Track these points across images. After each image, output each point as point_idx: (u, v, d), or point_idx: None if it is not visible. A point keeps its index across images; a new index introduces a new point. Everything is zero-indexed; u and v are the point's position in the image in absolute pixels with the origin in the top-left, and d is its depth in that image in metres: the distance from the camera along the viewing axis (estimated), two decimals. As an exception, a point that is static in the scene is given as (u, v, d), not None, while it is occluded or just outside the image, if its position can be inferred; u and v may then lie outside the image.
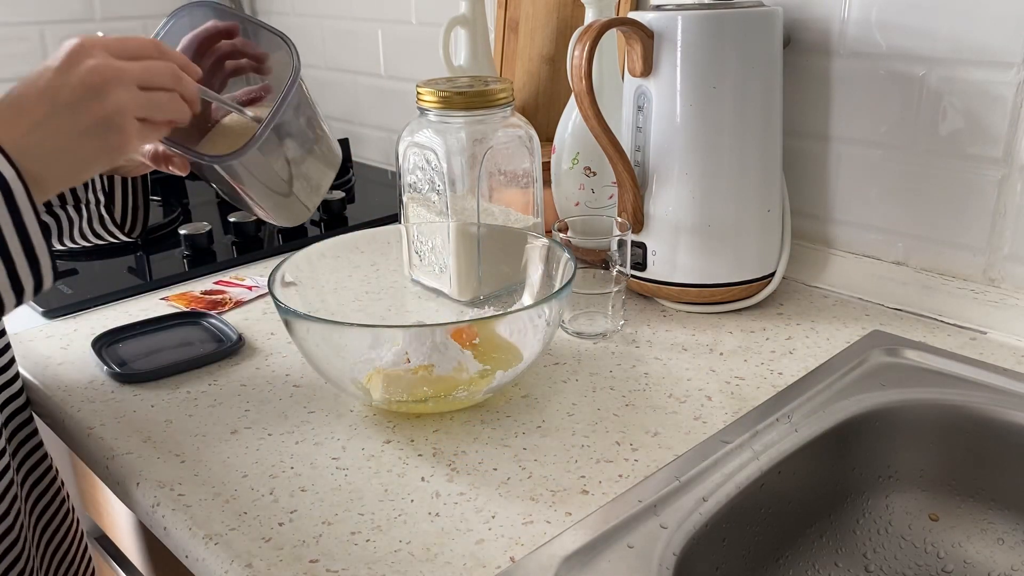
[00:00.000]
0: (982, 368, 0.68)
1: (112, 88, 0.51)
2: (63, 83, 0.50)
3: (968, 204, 0.76)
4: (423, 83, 0.79)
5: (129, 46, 0.54)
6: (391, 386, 0.62)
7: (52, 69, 0.51)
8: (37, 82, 0.51)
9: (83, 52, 0.51)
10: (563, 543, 0.50)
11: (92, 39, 0.52)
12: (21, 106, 0.50)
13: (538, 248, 0.73)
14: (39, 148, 0.50)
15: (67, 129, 0.51)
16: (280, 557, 0.50)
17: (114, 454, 0.61)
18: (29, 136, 0.50)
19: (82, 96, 0.51)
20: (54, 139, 0.51)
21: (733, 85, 0.75)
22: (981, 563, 0.63)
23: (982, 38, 0.72)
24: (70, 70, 0.51)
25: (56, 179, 0.52)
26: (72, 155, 0.52)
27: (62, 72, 0.51)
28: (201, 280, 0.94)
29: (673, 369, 0.71)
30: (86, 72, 0.51)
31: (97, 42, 0.52)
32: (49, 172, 0.51)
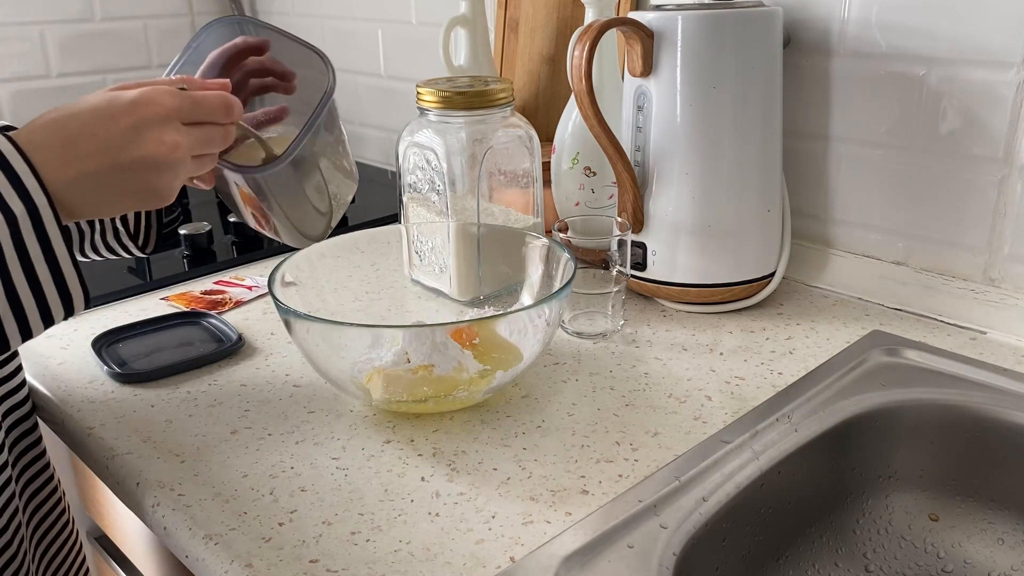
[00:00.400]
0: (982, 368, 0.68)
1: (172, 166, 0.52)
2: (127, 146, 0.50)
3: (968, 204, 0.76)
4: (423, 83, 0.79)
5: (203, 110, 0.54)
6: (391, 386, 0.62)
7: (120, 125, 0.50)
8: (97, 131, 0.50)
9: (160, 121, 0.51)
10: (563, 543, 0.50)
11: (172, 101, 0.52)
12: (74, 149, 0.50)
13: (538, 248, 0.73)
14: (85, 196, 0.51)
15: (120, 189, 0.51)
16: (280, 557, 0.50)
17: (114, 454, 0.61)
18: (79, 183, 0.50)
19: (145, 167, 0.51)
20: (104, 193, 0.51)
21: (733, 85, 0.75)
22: (981, 563, 0.63)
23: (982, 38, 0.72)
24: (140, 136, 0.51)
25: (90, 216, 0.53)
26: (115, 206, 0.53)
27: (129, 134, 0.50)
28: (201, 280, 0.94)
29: (673, 369, 0.71)
30: (158, 145, 0.51)
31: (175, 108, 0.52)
32: (87, 212, 0.52)
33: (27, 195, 0.48)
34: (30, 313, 0.50)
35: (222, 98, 0.55)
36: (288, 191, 0.63)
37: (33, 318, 0.50)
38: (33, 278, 0.49)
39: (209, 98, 0.55)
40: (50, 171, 0.49)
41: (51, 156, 0.49)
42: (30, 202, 0.48)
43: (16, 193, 0.47)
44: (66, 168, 0.50)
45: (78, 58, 1.47)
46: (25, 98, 1.42)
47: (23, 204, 0.48)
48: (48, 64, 1.44)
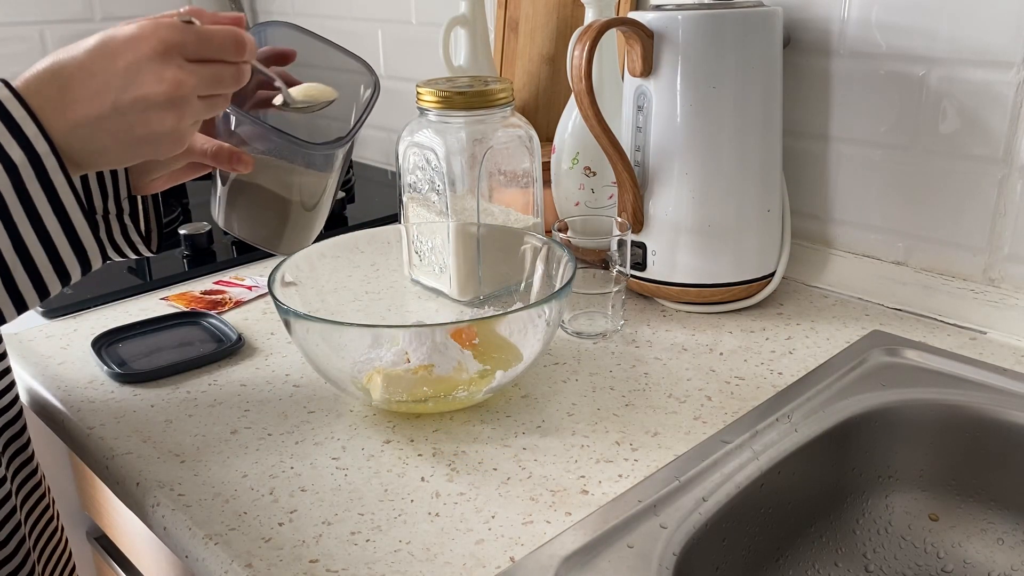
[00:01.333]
0: (982, 368, 0.68)
1: (181, 105, 0.48)
2: (127, 85, 0.46)
3: (968, 204, 0.76)
4: (423, 83, 0.79)
5: (210, 45, 0.48)
6: (391, 386, 0.62)
7: (117, 63, 0.46)
8: (95, 70, 0.46)
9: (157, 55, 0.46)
10: (563, 543, 0.50)
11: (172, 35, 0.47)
12: (72, 93, 0.46)
13: (538, 248, 0.73)
14: (89, 143, 0.47)
15: (124, 133, 0.48)
16: (280, 557, 0.50)
17: (114, 454, 0.61)
18: (80, 129, 0.47)
19: (146, 107, 0.47)
20: (107, 138, 0.48)
21: (733, 85, 0.75)
22: (981, 563, 0.63)
23: (982, 38, 0.72)
24: (139, 73, 0.46)
25: (99, 167, 0.50)
26: (123, 153, 0.49)
27: (129, 72, 0.46)
28: (201, 280, 0.94)
29: (673, 369, 0.71)
30: (156, 82, 0.47)
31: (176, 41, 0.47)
32: (94, 161, 0.49)
33: (27, 143, 0.45)
34: (43, 269, 0.47)
35: (232, 33, 0.50)
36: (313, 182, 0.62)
37: (48, 274, 0.48)
38: (43, 231, 0.47)
39: (217, 32, 0.49)
40: (49, 117, 0.46)
41: (49, 102, 0.46)
42: (31, 150, 0.45)
43: (16, 141, 0.45)
44: (65, 113, 0.46)
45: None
46: (25, 98, 1.41)
47: (23, 152, 0.45)
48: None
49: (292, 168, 0.60)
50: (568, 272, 0.66)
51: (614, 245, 0.75)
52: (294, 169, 0.61)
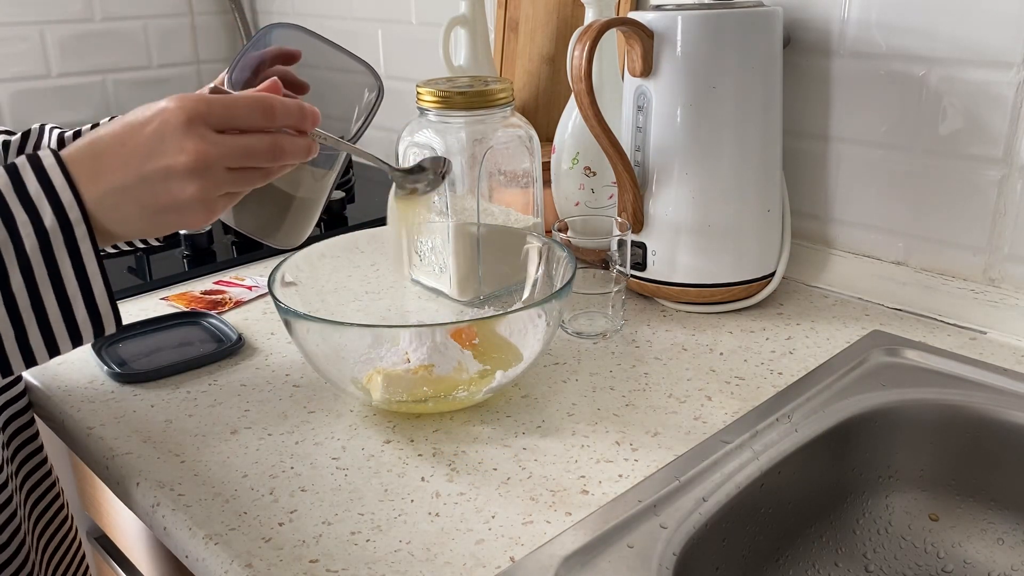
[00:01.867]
0: (982, 368, 0.68)
1: (202, 175, 0.48)
2: (150, 155, 0.47)
3: (968, 204, 0.76)
4: (423, 83, 0.79)
5: (238, 115, 0.49)
6: (391, 386, 0.62)
7: (144, 133, 0.48)
8: (124, 140, 0.48)
9: (182, 126, 0.47)
10: (563, 543, 0.50)
11: (196, 105, 0.48)
12: (103, 162, 0.48)
13: (538, 248, 0.73)
14: (115, 211, 0.48)
15: (147, 202, 0.48)
16: (280, 557, 0.50)
17: (114, 454, 0.61)
18: (107, 197, 0.48)
19: (168, 176, 0.48)
20: (132, 207, 0.48)
21: (733, 85, 0.75)
22: (981, 563, 0.63)
23: (982, 38, 0.72)
24: (162, 143, 0.47)
25: (128, 236, 0.51)
26: (149, 223, 0.50)
27: (152, 141, 0.47)
28: (201, 280, 0.94)
29: (673, 369, 0.71)
30: (178, 152, 0.47)
31: (200, 112, 0.48)
32: (122, 230, 0.50)
33: (62, 209, 0.47)
34: (57, 330, 0.49)
35: (258, 99, 0.50)
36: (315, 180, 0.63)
37: (60, 336, 0.49)
38: (62, 295, 0.48)
39: (242, 99, 0.49)
40: (83, 186, 0.47)
41: (83, 170, 0.48)
42: (64, 217, 0.47)
43: (51, 207, 0.46)
44: (96, 182, 0.48)
45: (78, 58, 1.47)
46: (25, 98, 1.42)
47: (56, 218, 0.46)
48: (48, 64, 1.44)
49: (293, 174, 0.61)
50: (568, 272, 0.66)
51: (614, 245, 0.75)
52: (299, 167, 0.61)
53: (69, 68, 1.47)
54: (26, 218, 0.46)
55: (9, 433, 0.65)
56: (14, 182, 0.47)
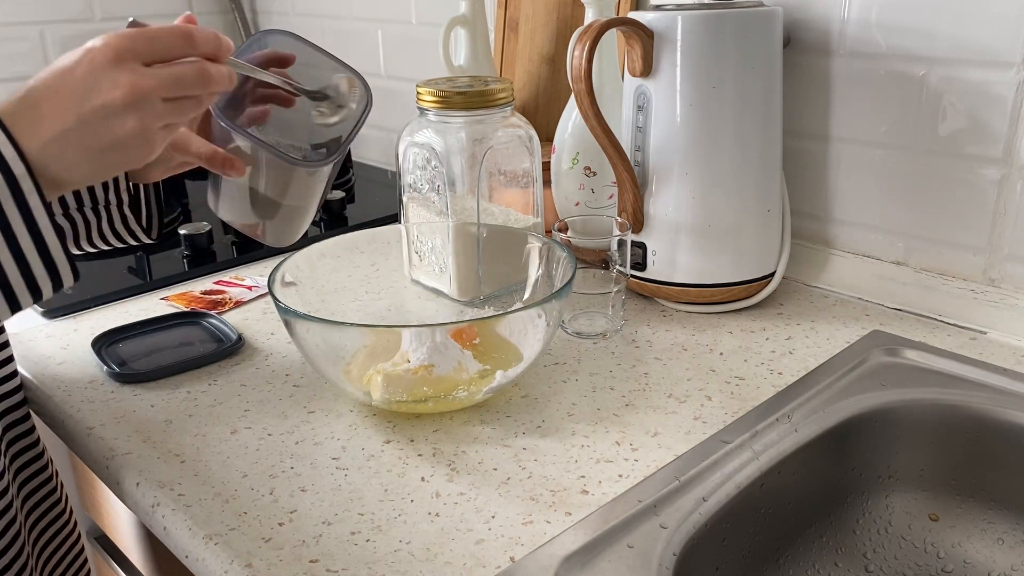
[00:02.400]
0: (982, 368, 0.68)
1: (139, 107, 0.49)
2: (86, 95, 0.48)
3: (968, 204, 0.76)
4: (423, 83, 0.79)
5: (159, 47, 0.50)
6: (391, 386, 0.62)
7: (75, 76, 0.48)
8: (58, 87, 0.48)
9: (110, 63, 0.48)
10: (563, 543, 0.50)
11: (121, 41, 0.48)
12: (40, 111, 0.48)
13: (538, 248, 0.74)
14: (60, 157, 0.49)
15: (90, 143, 0.49)
16: (280, 557, 0.50)
17: (114, 454, 0.61)
18: (49, 145, 0.48)
19: (107, 114, 0.48)
20: (75, 151, 0.49)
21: (733, 85, 0.75)
22: (981, 563, 0.63)
23: (982, 38, 0.72)
24: (96, 82, 0.48)
25: (76, 183, 0.51)
26: (94, 164, 0.50)
27: (86, 82, 0.48)
28: (201, 280, 0.94)
29: (673, 369, 0.71)
30: (112, 88, 0.48)
31: (126, 47, 0.48)
32: (70, 176, 0.50)
33: (5, 164, 0.47)
34: (16, 285, 0.49)
35: (178, 28, 0.50)
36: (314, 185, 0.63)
37: (20, 290, 0.49)
38: (16, 249, 0.48)
39: (163, 29, 0.50)
40: (23, 138, 0.48)
41: (21, 122, 0.48)
42: (8, 171, 0.47)
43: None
44: (36, 132, 0.48)
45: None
46: (25, 98, 1.41)
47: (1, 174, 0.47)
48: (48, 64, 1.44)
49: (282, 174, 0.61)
50: (568, 272, 0.66)
51: (614, 245, 0.75)
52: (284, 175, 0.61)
53: (69, 68, 1.47)
54: None
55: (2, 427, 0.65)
56: None
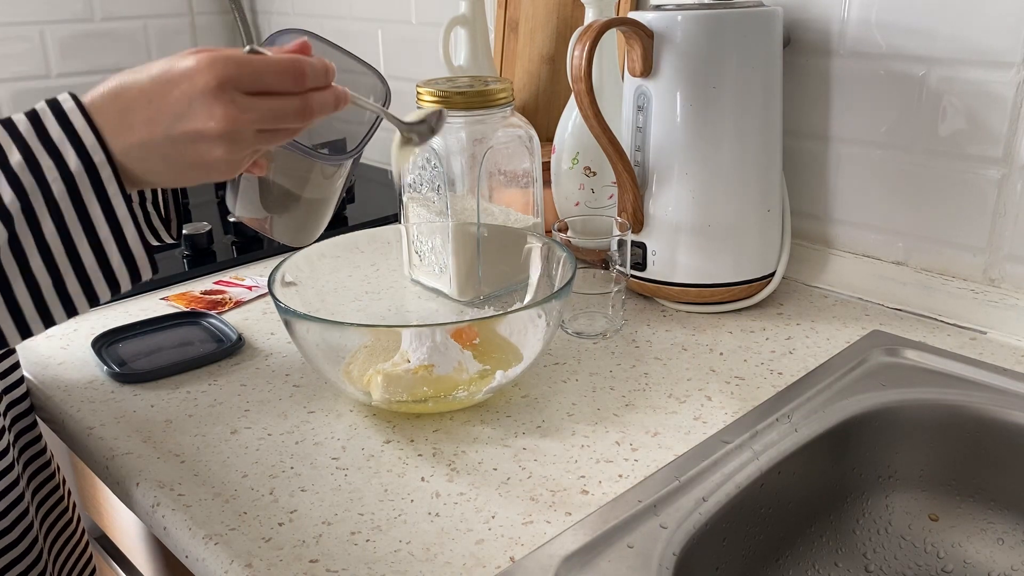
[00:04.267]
0: (982, 368, 0.68)
1: (231, 139, 0.48)
2: (179, 118, 0.47)
3: (968, 204, 0.76)
4: (423, 83, 0.79)
5: (268, 81, 0.48)
6: (391, 386, 0.62)
7: (173, 94, 0.47)
8: (152, 97, 0.47)
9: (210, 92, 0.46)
10: (563, 543, 0.50)
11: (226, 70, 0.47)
12: (130, 116, 0.47)
13: (538, 248, 0.73)
14: (142, 162, 0.48)
15: (175, 159, 0.48)
16: (280, 557, 0.50)
17: (114, 454, 0.61)
18: (133, 150, 0.48)
19: (196, 139, 0.47)
20: (158, 161, 0.48)
21: (733, 85, 0.75)
22: (981, 563, 0.63)
23: (982, 38, 0.72)
24: (191, 107, 0.47)
25: (153, 184, 0.51)
26: (174, 175, 0.50)
27: (181, 104, 0.47)
28: (201, 280, 0.94)
29: (673, 369, 0.71)
30: (207, 119, 0.47)
31: (230, 76, 0.47)
32: (148, 179, 0.50)
33: (85, 152, 0.47)
34: (93, 276, 0.49)
35: (289, 62, 0.48)
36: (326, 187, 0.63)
37: (97, 281, 0.49)
38: (95, 239, 0.48)
39: (273, 63, 0.48)
40: (108, 136, 0.47)
41: (109, 121, 0.47)
42: (88, 159, 0.47)
43: (74, 150, 0.46)
44: (122, 135, 0.47)
45: (78, 58, 1.47)
46: (25, 98, 1.41)
47: (80, 161, 0.46)
48: (48, 64, 1.44)
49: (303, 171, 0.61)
50: (568, 272, 0.66)
51: (614, 245, 0.75)
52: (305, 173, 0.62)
53: (69, 68, 1.47)
54: (51, 163, 0.46)
55: (15, 434, 0.65)
56: (36, 128, 0.47)
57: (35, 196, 0.46)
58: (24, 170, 0.46)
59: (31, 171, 0.46)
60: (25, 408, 0.67)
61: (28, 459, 0.67)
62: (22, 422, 0.66)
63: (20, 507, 0.61)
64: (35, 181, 0.46)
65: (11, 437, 0.63)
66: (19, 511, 0.61)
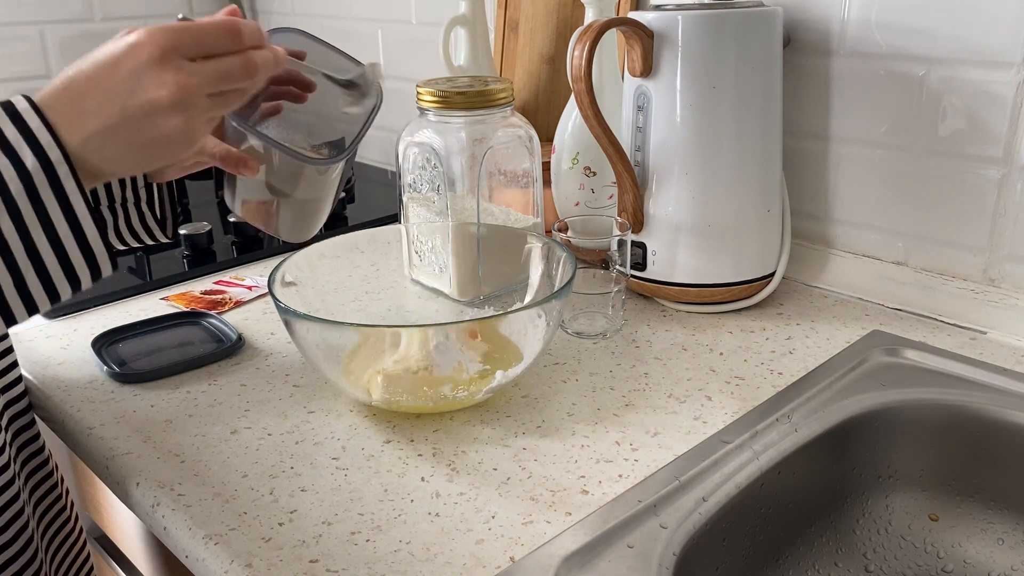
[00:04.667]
0: (982, 368, 0.68)
1: (185, 106, 0.48)
2: (131, 93, 0.47)
3: (968, 204, 0.76)
4: (423, 83, 0.79)
5: (205, 43, 0.49)
6: (391, 386, 0.62)
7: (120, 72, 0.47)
8: (100, 81, 0.48)
9: (155, 61, 0.47)
10: (563, 543, 0.50)
11: (165, 38, 0.47)
12: (83, 104, 0.48)
13: (538, 248, 0.73)
14: (101, 151, 0.49)
15: (133, 139, 0.49)
16: (280, 557, 0.50)
17: (114, 454, 0.61)
18: (91, 140, 0.48)
19: (152, 112, 0.48)
20: (117, 146, 0.49)
21: (733, 85, 0.75)
22: (981, 563, 0.63)
23: (982, 38, 0.72)
24: (140, 80, 0.47)
25: (114, 174, 0.51)
26: (134, 158, 0.50)
27: (131, 80, 0.47)
28: (201, 280, 0.94)
29: (673, 369, 0.71)
30: (158, 87, 0.47)
31: (171, 44, 0.47)
32: (109, 168, 0.50)
33: (41, 150, 0.47)
34: (54, 273, 0.49)
35: (225, 23, 0.50)
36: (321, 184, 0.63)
37: (58, 278, 0.49)
38: (54, 236, 0.48)
39: (210, 24, 0.49)
40: (63, 130, 0.48)
41: (62, 115, 0.48)
42: (44, 157, 0.47)
43: (30, 148, 0.47)
44: (77, 125, 0.48)
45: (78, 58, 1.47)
46: (25, 98, 1.41)
47: (36, 159, 0.47)
48: (48, 64, 1.44)
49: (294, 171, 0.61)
50: (568, 272, 0.66)
51: (614, 245, 0.75)
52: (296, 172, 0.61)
53: (69, 68, 1.47)
54: (7, 162, 0.46)
55: (12, 433, 0.65)
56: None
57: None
58: None
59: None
60: (23, 407, 0.67)
61: (25, 459, 0.67)
62: (19, 421, 0.66)
63: (16, 506, 0.61)
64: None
65: (8, 437, 0.63)
66: (15, 510, 0.61)
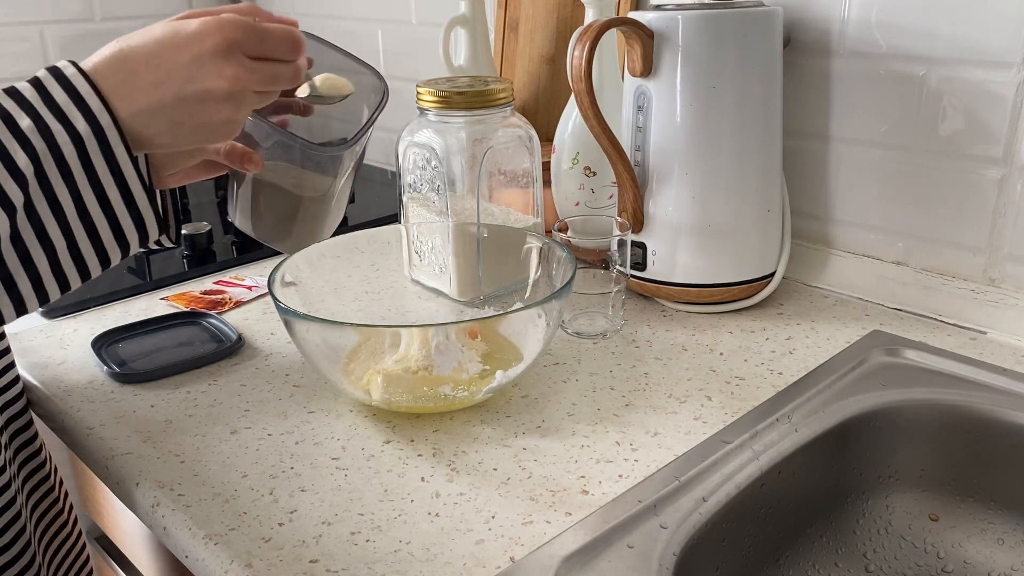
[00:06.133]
0: (982, 368, 0.68)
1: (237, 99, 0.51)
2: (190, 78, 0.49)
3: (968, 204, 0.76)
4: (423, 83, 0.79)
5: (268, 47, 0.52)
6: (391, 386, 0.62)
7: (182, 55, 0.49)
8: (160, 62, 0.49)
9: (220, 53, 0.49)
10: (563, 543, 0.50)
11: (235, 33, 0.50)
12: (137, 80, 0.49)
13: (538, 248, 0.73)
14: (148, 126, 0.50)
15: (182, 120, 0.50)
16: (280, 557, 0.50)
17: (114, 454, 0.61)
18: (141, 115, 0.49)
19: (206, 99, 0.50)
20: (165, 124, 0.50)
21: (733, 85, 0.75)
22: (981, 563, 0.63)
23: (982, 38, 0.72)
24: (202, 68, 0.49)
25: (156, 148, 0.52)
26: (177, 137, 0.51)
27: (192, 65, 0.49)
28: (201, 280, 0.94)
29: (673, 369, 0.71)
30: (218, 78, 0.50)
31: (238, 40, 0.50)
32: (152, 143, 0.51)
33: (92, 115, 0.48)
34: (105, 238, 0.50)
35: (289, 32, 0.53)
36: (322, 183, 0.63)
37: (109, 243, 0.50)
38: (104, 200, 0.49)
39: (276, 31, 0.52)
40: (114, 101, 0.49)
41: (114, 86, 0.49)
42: (95, 122, 0.48)
43: (81, 114, 0.48)
44: (129, 99, 0.49)
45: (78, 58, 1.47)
46: (25, 98, 1.41)
47: (88, 124, 0.48)
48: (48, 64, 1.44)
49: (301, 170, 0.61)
50: (568, 272, 0.66)
51: (614, 245, 0.75)
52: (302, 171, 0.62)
53: (69, 68, 1.47)
54: (60, 127, 0.47)
55: (9, 435, 0.65)
56: (41, 94, 0.48)
57: (46, 159, 0.47)
58: (35, 133, 0.47)
59: (41, 135, 0.47)
60: (20, 408, 0.67)
61: (23, 460, 0.67)
62: (17, 422, 0.66)
63: (14, 508, 0.61)
64: (46, 145, 0.47)
65: (5, 438, 0.63)
66: (12, 512, 0.61)
